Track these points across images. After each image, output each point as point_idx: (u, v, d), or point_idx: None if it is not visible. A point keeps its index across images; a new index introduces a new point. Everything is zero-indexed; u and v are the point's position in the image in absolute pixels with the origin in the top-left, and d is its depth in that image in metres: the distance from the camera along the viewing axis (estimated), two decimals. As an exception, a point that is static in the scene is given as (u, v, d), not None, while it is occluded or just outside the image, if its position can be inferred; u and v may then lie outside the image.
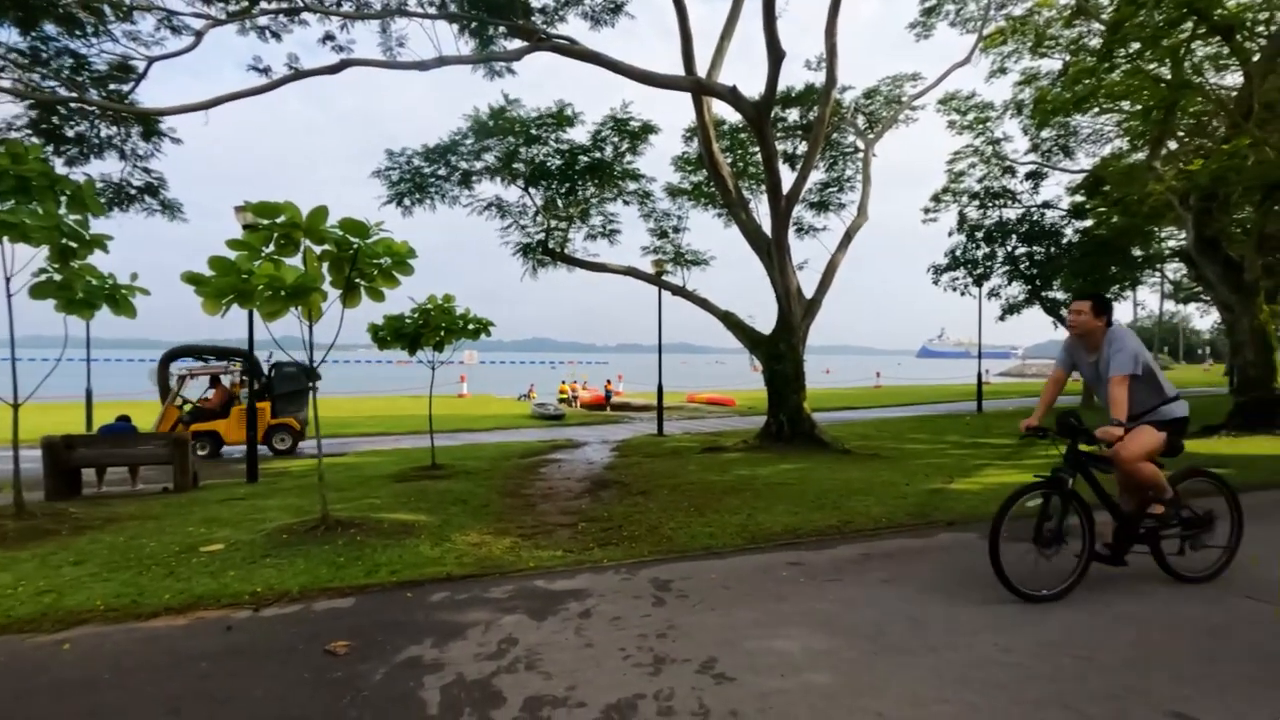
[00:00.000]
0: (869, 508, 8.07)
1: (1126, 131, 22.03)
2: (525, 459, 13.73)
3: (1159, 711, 3.30)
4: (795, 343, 14.71)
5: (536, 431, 21.03)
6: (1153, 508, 5.04)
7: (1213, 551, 5.25)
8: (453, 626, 4.59)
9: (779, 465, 11.84)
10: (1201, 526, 5.14)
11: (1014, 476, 10.16)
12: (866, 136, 18.38)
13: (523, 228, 16.07)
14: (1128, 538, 5.03)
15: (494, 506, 8.81)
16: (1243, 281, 14.10)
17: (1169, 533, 5.12)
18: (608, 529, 7.40)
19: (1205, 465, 10.95)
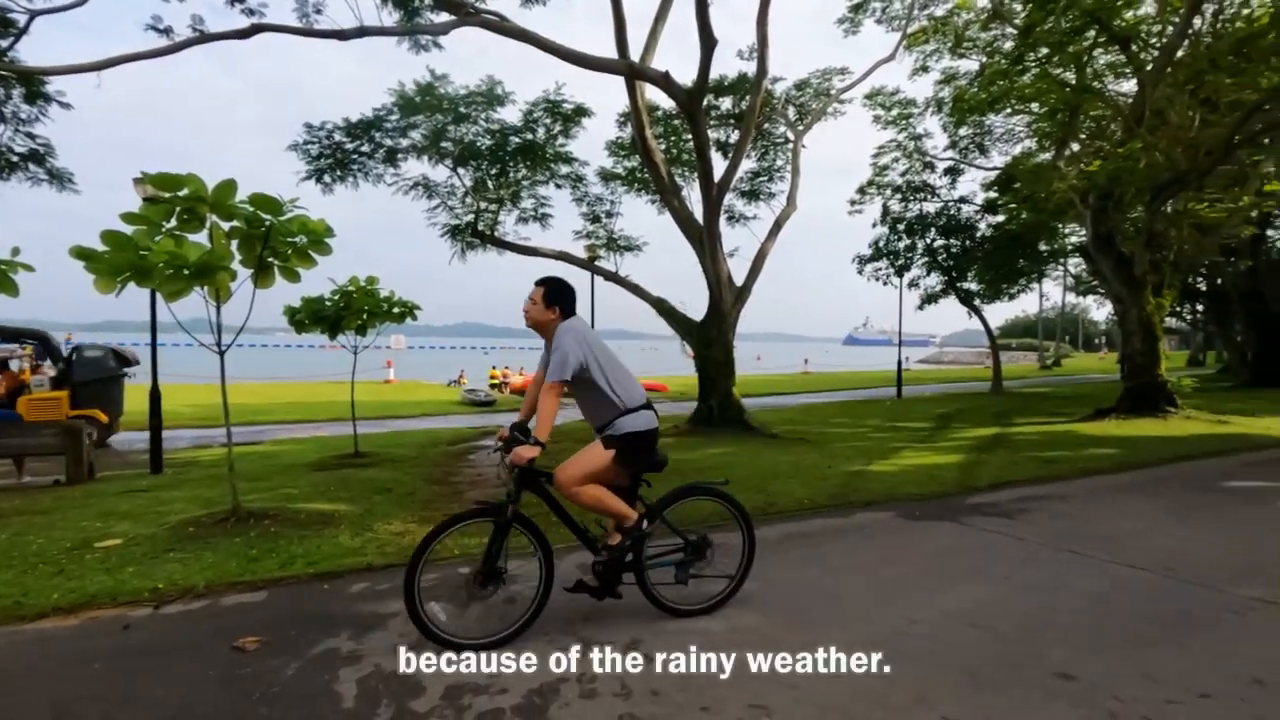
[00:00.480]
0: (793, 490, 8.31)
1: (1035, 132, 23.31)
2: (454, 446, 13.46)
3: (1048, 673, 3.55)
4: (726, 329, 14.92)
5: (467, 418, 20.63)
6: (610, 536, 4.40)
7: (716, 582, 4.53)
8: (373, 617, 4.47)
9: (708, 449, 12.03)
10: (694, 554, 4.43)
11: (930, 458, 10.68)
12: (796, 128, 18.73)
13: (451, 209, 15.63)
14: (610, 568, 4.28)
15: (420, 494, 8.60)
16: (1133, 276, 15.24)
17: (658, 561, 4.42)
18: (536, 514, 7.32)
19: (1089, 446, 11.95)
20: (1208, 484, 8.48)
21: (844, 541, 6.18)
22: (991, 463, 10.08)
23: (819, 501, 7.73)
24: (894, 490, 8.26)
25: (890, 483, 8.72)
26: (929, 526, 6.65)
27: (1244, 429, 13.08)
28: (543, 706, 3.30)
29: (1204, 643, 3.93)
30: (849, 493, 8.16)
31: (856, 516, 7.09)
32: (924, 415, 17.97)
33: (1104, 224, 15.55)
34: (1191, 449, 10.97)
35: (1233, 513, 7.07)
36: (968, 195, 25.99)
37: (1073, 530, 6.38)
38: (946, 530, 6.50)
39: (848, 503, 7.68)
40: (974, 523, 6.72)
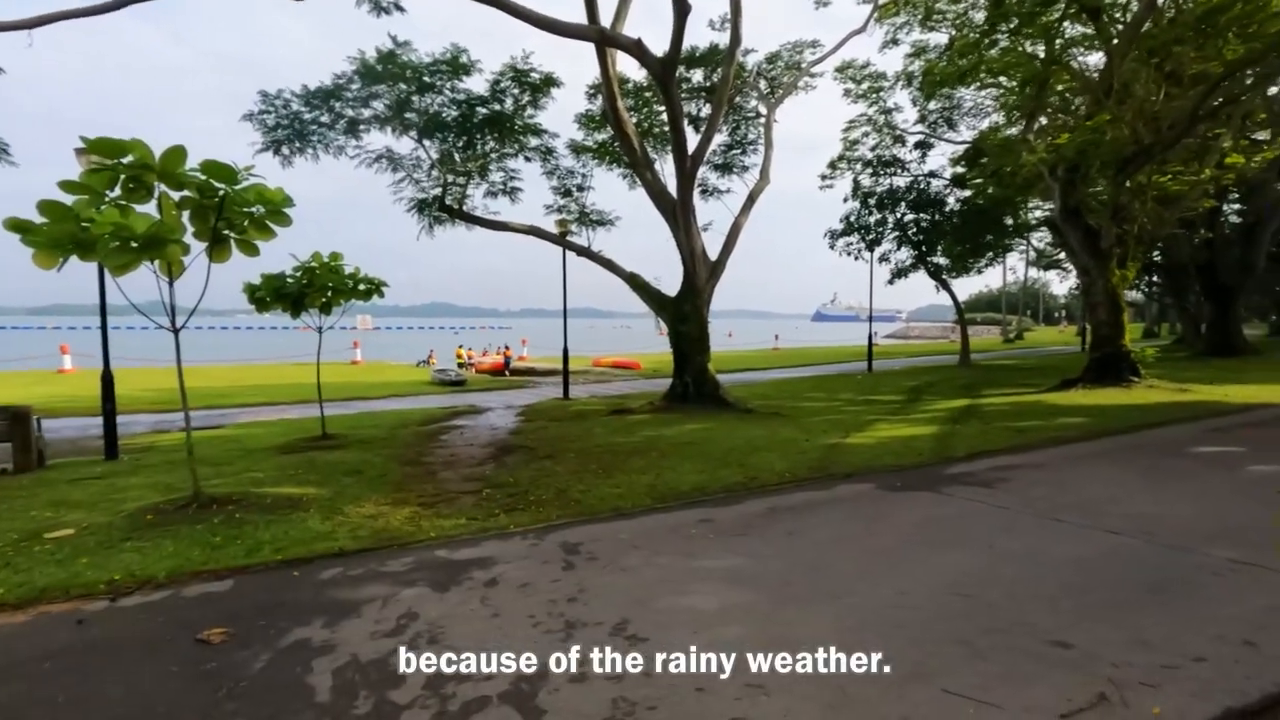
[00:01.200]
0: (772, 464, 8.26)
1: (1003, 106, 23.46)
2: (425, 426, 13.16)
3: (1042, 641, 3.52)
4: (700, 304, 14.79)
5: (437, 398, 20.22)
6: None
7: None
8: (346, 604, 4.27)
9: (685, 425, 11.95)
10: None
11: (905, 430, 10.74)
12: (769, 100, 18.51)
13: (417, 182, 15.10)
14: None
15: (391, 476, 8.35)
16: (1099, 248, 15.48)
17: None
18: (514, 494, 7.17)
19: (1059, 416, 12.15)
20: (1176, 450, 8.66)
21: (827, 514, 6.13)
22: (966, 433, 10.17)
23: (799, 474, 7.69)
24: (872, 462, 8.26)
25: (868, 455, 8.73)
26: (910, 497, 6.65)
27: (1204, 397, 13.43)
28: (531, 694, 3.16)
29: (1189, 605, 3.95)
30: (828, 465, 8.14)
31: (838, 489, 7.06)
32: (895, 388, 18.14)
33: (1072, 197, 15.72)
34: (1157, 416, 11.22)
35: (1202, 478, 7.22)
36: (937, 170, 26.10)
37: (1051, 497, 6.44)
38: (927, 500, 6.50)
39: (828, 475, 7.66)
40: (954, 492, 6.74)
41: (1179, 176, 15.51)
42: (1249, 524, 5.51)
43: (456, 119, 15.01)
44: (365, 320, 41.22)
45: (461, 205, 15.30)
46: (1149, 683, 3.08)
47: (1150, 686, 3.05)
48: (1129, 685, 3.06)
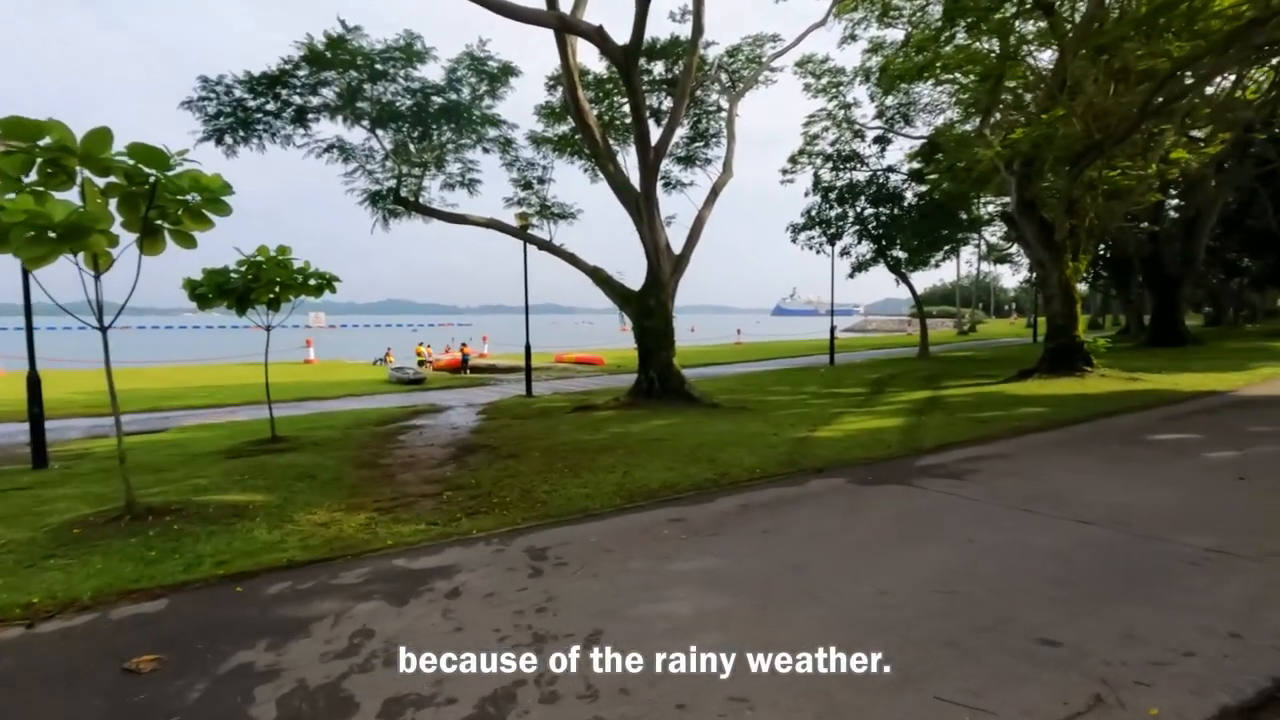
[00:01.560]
0: (742, 459, 8.12)
1: (960, 102, 23.85)
2: (382, 426, 12.68)
3: (1030, 639, 3.41)
4: (665, 299, 14.61)
5: (395, 397, 19.62)
6: None
7: None
8: (294, 623, 3.94)
9: (651, 421, 11.76)
10: None
11: (872, 422, 10.73)
12: (730, 93, 18.40)
13: (370, 173, 14.52)
14: None
15: (346, 480, 7.94)
16: (1053, 241, 15.80)
17: None
18: (476, 497, 6.87)
19: (1019, 406, 12.35)
20: (1134, 438, 8.81)
21: (802, 510, 5.99)
22: (931, 425, 10.21)
23: (770, 470, 7.55)
24: (842, 455, 8.18)
25: (837, 448, 8.65)
26: (883, 491, 6.56)
27: (1154, 385, 13.80)
28: (498, 717, 2.91)
29: (1171, 597, 3.90)
30: (799, 459, 8.02)
31: (810, 484, 6.94)
32: (858, 381, 18.27)
33: (1028, 190, 16.01)
34: (1112, 405, 11.46)
35: (1163, 465, 7.32)
36: (895, 165, 26.42)
37: (1021, 488, 6.42)
38: (900, 494, 6.43)
39: (799, 470, 7.54)
40: (925, 485, 6.68)
41: (1127, 171, 15.92)
42: (1216, 511, 5.56)
43: (411, 108, 14.50)
44: (319, 318, 39.98)
45: (417, 197, 14.80)
46: (1143, 681, 2.98)
47: (1145, 685, 2.95)
48: (1123, 685, 2.96)
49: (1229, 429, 9.20)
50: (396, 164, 14.44)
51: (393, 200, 14.51)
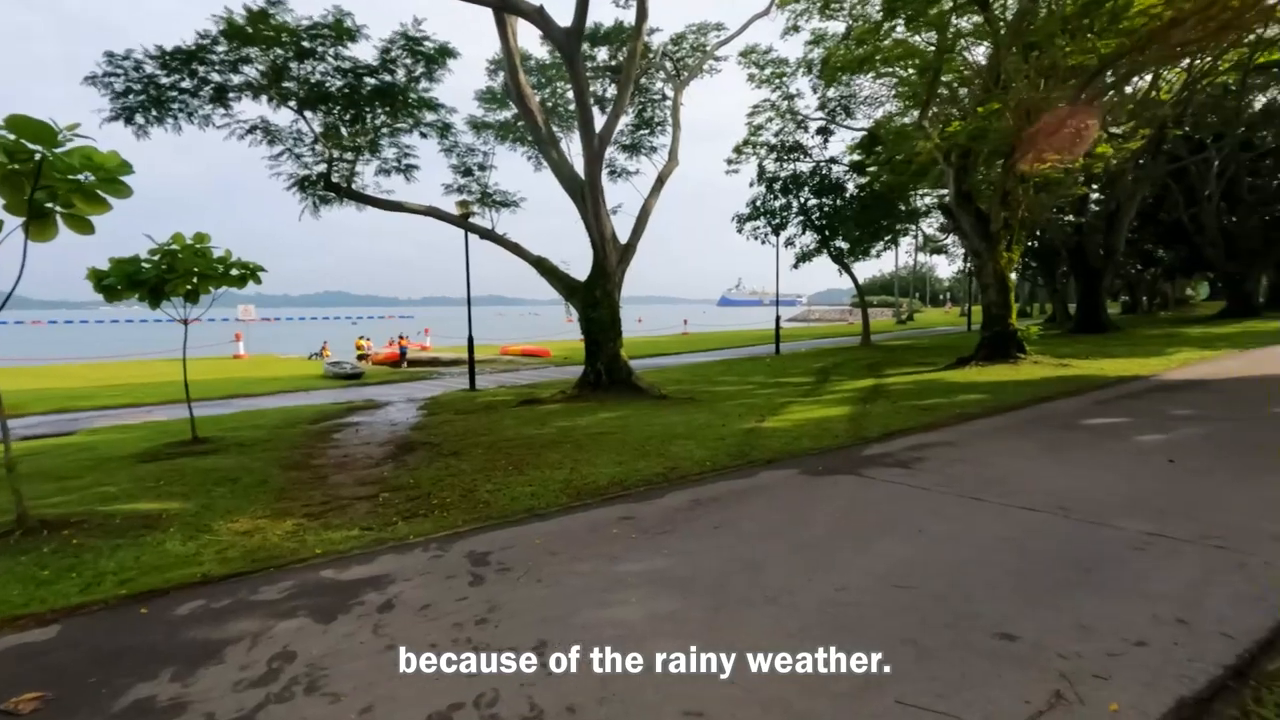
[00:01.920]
0: (691, 451, 7.98)
1: (899, 96, 24.29)
2: (316, 424, 12.06)
3: (988, 634, 3.34)
4: (611, 289, 14.36)
5: (331, 393, 18.79)
6: None
7: None
8: (205, 647, 3.56)
9: (599, 414, 11.53)
10: None
11: (819, 411, 10.77)
12: (675, 81, 18.22)
13: (298, 157, 13.73)
14: None
15: (273, 483, 7.45)
16: (989, 231, 16.27)
17: None
18: (414, 498, 6.51)
19: (959, 393, 12.69)
20: (1069, 422, 9.07)
21: (753, 504, 5.88)
22: (876, 413, 10.30)
23: (720, 462, 7.43)
24: (791, 446, 8.13)
25: (786, 438, 8.61)
26: (833, 481, 6.52)
27: (1082, 371, 14.35)
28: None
29: (1119, 583, 3.92)
30: (748, 451, 7.93)
31: (760, 476, 6.84)
32: (804, 370, 18.46)
33: (965, 182, 16.40)
34: (1046, 391, 11.82)
35: (1100, 449, 7.52)
36: (837, 156, 26.79)
37: (967, 476, 6.47)
38: (850, 484, 6.39)
39: (749, 462, 7.44)
40: (875, 474, 6.67)
41: (1055, 165, 16.46)
42: (1151, 494, 5.70)
43: (342, 89, 13.76)
44: (248, 310, 38.08)
45: (350, 183, 14.09)
46: (1100, 674, 2.94)
47: (1102, 679, 2.91)
48: (1082, 679, 2.91)
49: (1155, 413, 9.58)
50: (327, 148, 13.71)
51: (323, 186, 13.78)
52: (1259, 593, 3.68)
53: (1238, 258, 32.03)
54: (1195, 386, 11.96)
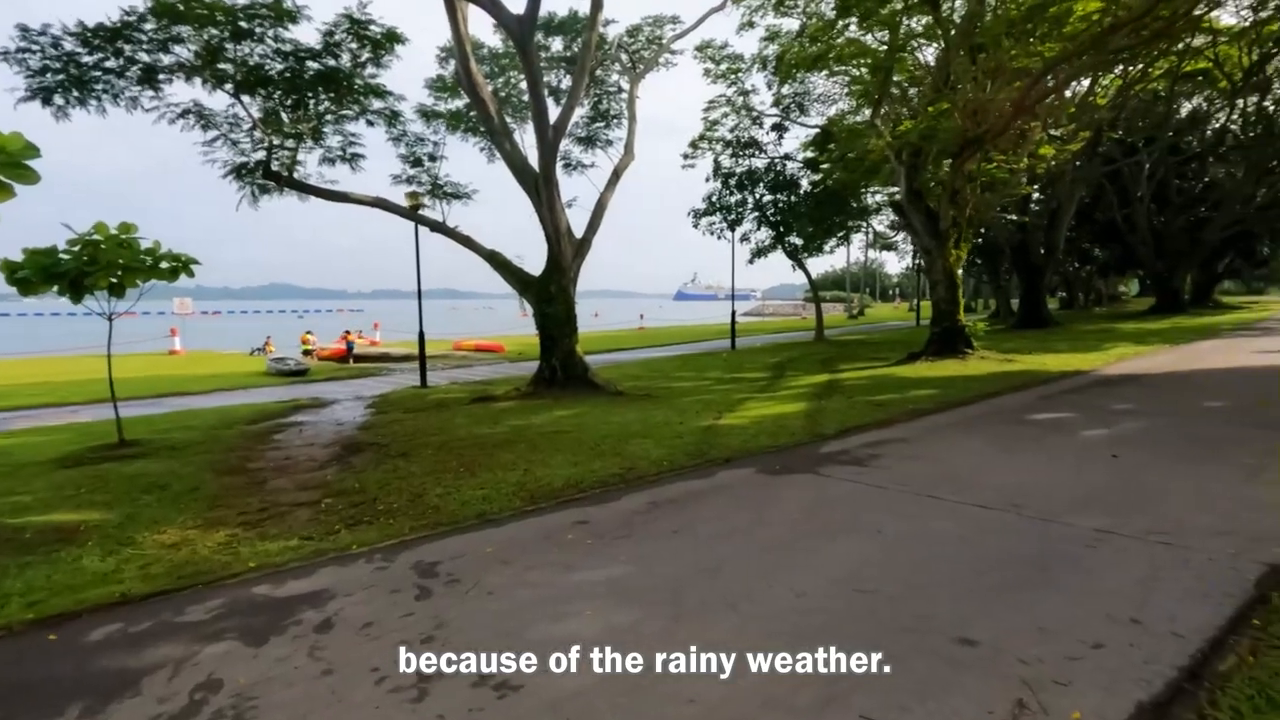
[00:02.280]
0: (648, 451, 7.85)
1: (851, 94, 24.61)
2: (255, 425, 11.51)
3: (949, 639, 3.30)
4: (566, 284, 14.12)
5: (274, 390, 18.04)
6: None
7: None
8: (121, 677, 3.26)
9: (554, 412, 11.31)
10: None
11: (775, 408, 10.78)
12: (631, 74, 18.03)
13: (234, 143, 13.03)
14: None
15: (207, 489, 7.02)
16: (939, 229, 16.61)
17: None
18: (359, 504, 6.21)
19: (911, 388, 12.91)
20: (1016, 418, 9.28)
21: (711, 506, 5.78)
22: (832, 409, 10.36)
23: (678, 462, 7.32)
24: (749, 444, 8.08)
25: (744, 436, 8.56)
26: (791, 481, 6.48)
27: (1027, 366, 14.79)
28: (370, 787, 2.44)
29: (1073, 582, 3.94)
30: (706, 450, 7.85)
31: (718, 476, 6.76)
32: (759, 365, 18.56)
33: (915, 180, 16.69)
34: (993, 386, 12.11)
35: (1046, 444, 7.69)
36: (791, 153, 27.01)
37: (921, 473, 6.52)
38: (808, 483, 6.36)
39: (707, 461, 7.35)
40: (832, 473, 6.66)
41: (1001, 165, 16.91)
42: (1098, 490, 5.82)
43: (283, 73, 13.12)
44: (184, 304, 36.33)
45: (291, 172, 13.46)
46: (1060, 680, 2.92)
47: (1062, 685, 2.89)
48: (1043, 686, 2.88)
49: (1096, 407, 9.88)
50: (266, 134, 13.05)
51: (262, 175, 13.12)
52: (1204, 589, 3.74)
53: (1166, 257, 33.64)
54: (1132, 381, 12.42)
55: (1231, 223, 32.42)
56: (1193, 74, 27.56)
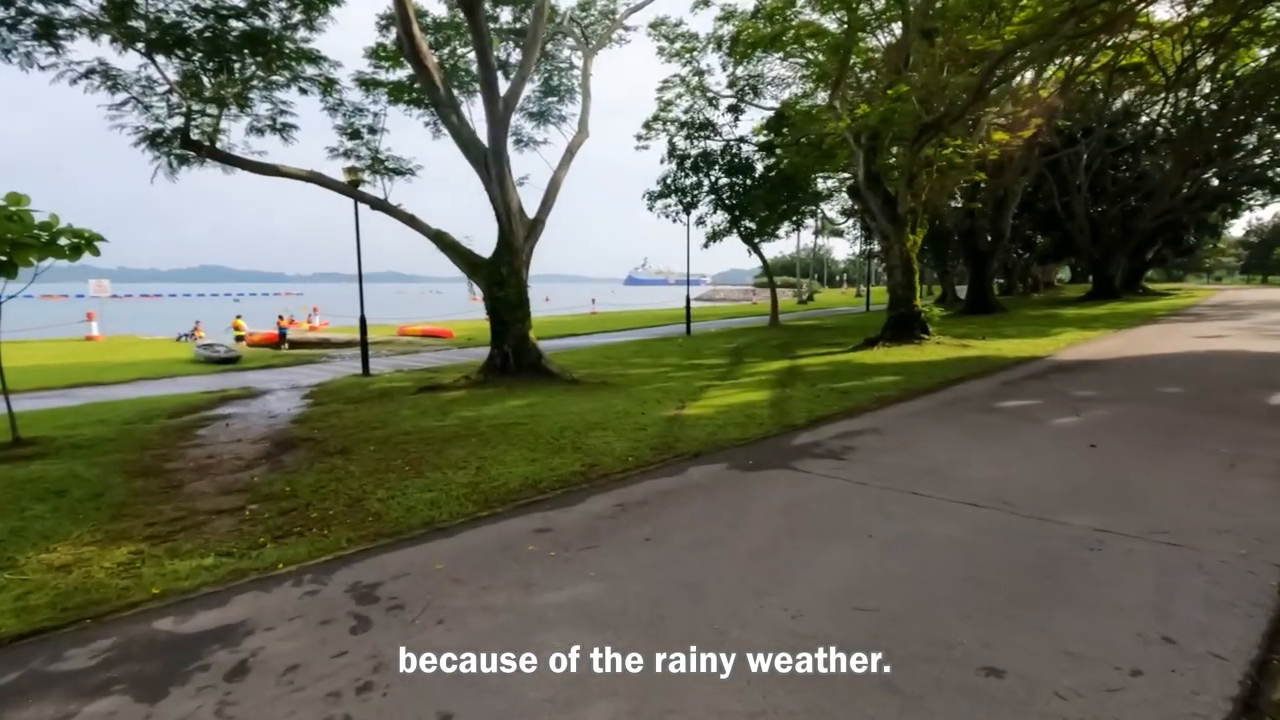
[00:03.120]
0: (611, 445, 7.34)
1: (807, 77, 24.35)
2: (177, 418, 10.51)
3: (971, 669, 2.92)
4: (519, 266, 13.41)
5: (202, 380, 16.77)
6: None
7: None
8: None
9: (507, 402, 10.68)
10: None
11: (739, 396, 10.40)
12: (585, 48, 17.27)
13: (147, 108, 11.79)
14: None
15: (113, 495, 6.19)
16: (896, 214, 16.51)
17: None
18: (289, 511, 5.52)
19: (872, 375, 12.78)
20: (984, 405, 9.12)
21: (684, 508, 5.32)
22: (797, 397, 10.04)
23: (644, 457, 6.84)
24: (717, 436, 7.66)
25: (710, 427, 8.13)
26: (766, 478, 6.07)
27: (982, 352, 14.82)
28: None
29: (1086, 593, 3.63)
30: (672, 443, 7.38)
31: (689, 472, 6.30)
32: (717, 351, 18.23)
33: (874, 163, 16.51)
34: (954, 372, 12.02)
35: (1020, 434, 7.51)
36: (746, 136, 26.65)
37: (900, 467, 6.21)
38: (785, 480, 5.96)
39: (675, 455, 6.89)
40: (808, 467, 6.28)
41: (956, 150, 16.88)
42: (1084, 483, 5.61)
43: (203, 33, 11.93)
44: (101, 285, 33.83)
45: (214, 142, 12.30)
46: (1102, 718, 2.56)
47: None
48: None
49: (1061, 394, 9.83)
50: (184, 99, 11.85)
51: (180, 144, 11.93)
52: (1227, 598, 3.48)
53: (1101, 244, 34.82)
54: (1089, 367, 12.52)
55: (1162, 212, 33.74)
56: (1128, 68, 28.37)
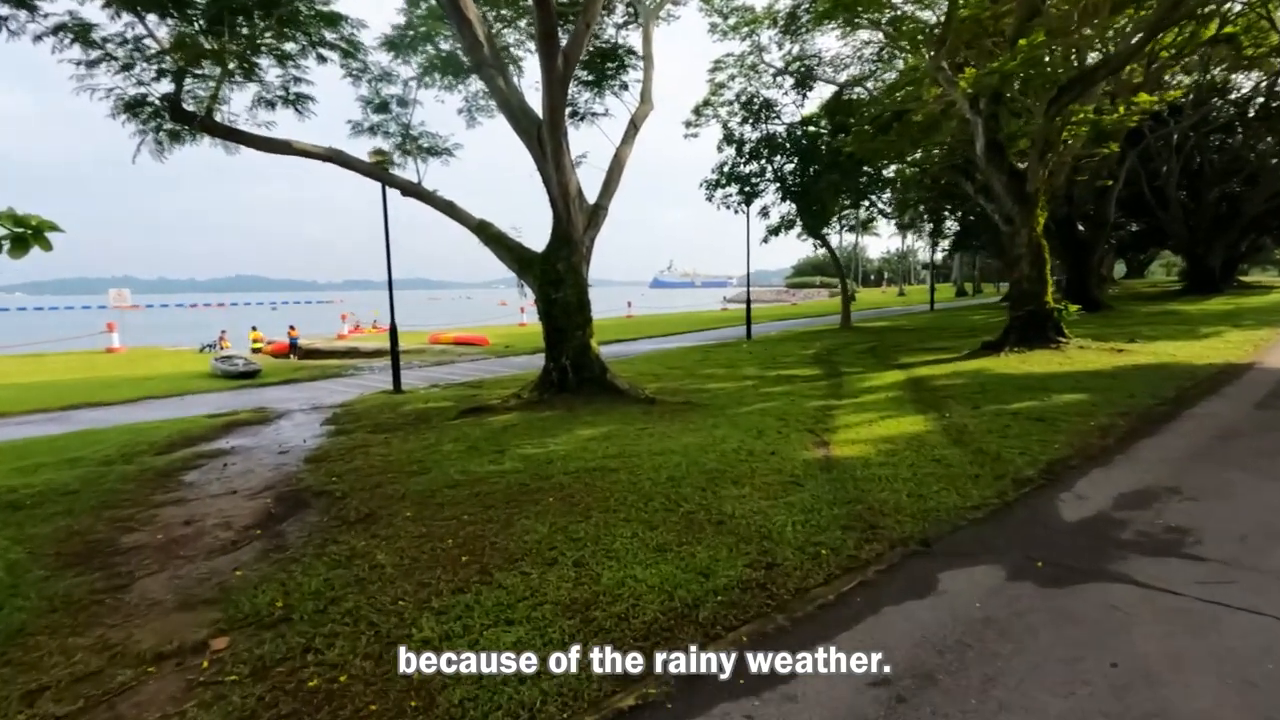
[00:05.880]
0: (768, 516, 4.83)
1: (896, 37, 21.31)
2: (164, 455, 8.28)
3: None
4: (577, 262, 11.02)
5: (216, 397, 14.65)
6: None
7: None
8: None
9: (576, 430, 8.26)
10: None
11: (888, 425, 7.78)
12: (645, 8, 14.84)
13: (127, 67, 9.55)
14: None
15: (13, 608, 3.91)
16: (1025, 192, 13.73)
17: None
18: (274, 664, 3.14)
19: (1039, 390, 9.45)
20: (1261, 436, 6.42)
21: (995, 683, 2.78)
22: (972, 428, 7.41)
23: (839, 545, 4.29)
24: (927, 502, 5.07)
25: (896, 482, 5.54)
26: (1090, 599, 3.50)
27: (1151, 359, 11.80)
28: None
29: None
30: (864, 513, 4.82)
31: (943, 587, 3.73)
32: (797, 359, 15.61)
33: (994, 131, 13.71)
34: (1152, 387, 9.20)
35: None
36: (812, 116, 23.96)
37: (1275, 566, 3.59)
38: (1136, 607, 3.39)
39: (889, 544, 4.33)
40: (1145, 574, 3.70)
41: (1099, 113, 14.00)
42: None
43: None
44: (121, 295, 32.43)
45: (212, 113, 10.07)
46: None
47: None
48: None
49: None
50: (176, 61, 9.64)
51: (171, 115, 9.72)
52: None
53: (1199, 233, 31.25)
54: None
55: (1271, 195, 30.03)
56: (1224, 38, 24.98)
